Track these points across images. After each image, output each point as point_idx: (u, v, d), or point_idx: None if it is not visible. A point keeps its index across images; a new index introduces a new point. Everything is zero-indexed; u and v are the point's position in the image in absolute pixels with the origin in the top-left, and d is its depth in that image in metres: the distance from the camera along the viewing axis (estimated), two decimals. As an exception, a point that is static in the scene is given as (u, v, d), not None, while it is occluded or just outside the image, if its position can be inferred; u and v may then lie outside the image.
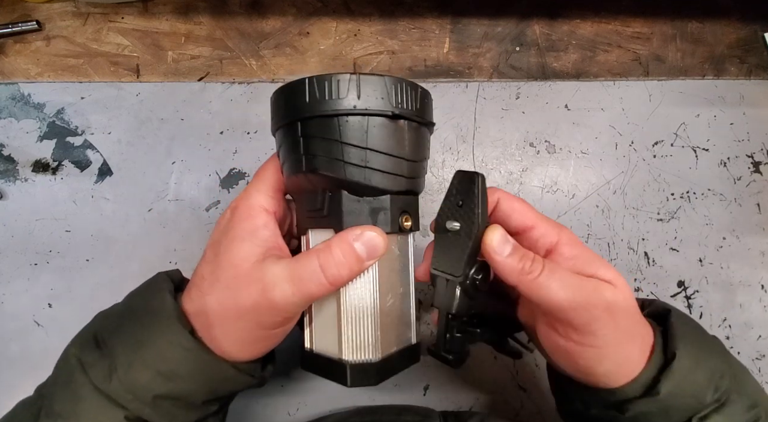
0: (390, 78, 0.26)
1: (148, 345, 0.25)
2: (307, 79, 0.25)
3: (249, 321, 0.25)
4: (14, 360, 0.43)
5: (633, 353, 0.26)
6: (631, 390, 0.26)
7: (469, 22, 0.47)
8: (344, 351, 0.28)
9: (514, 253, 0.26)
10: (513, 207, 0.29)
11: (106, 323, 0.27)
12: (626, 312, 0.26)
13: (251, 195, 0.28)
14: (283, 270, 0.25)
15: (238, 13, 0.47)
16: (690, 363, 0.25)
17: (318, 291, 0.25)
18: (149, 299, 0.27)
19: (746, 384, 0.27)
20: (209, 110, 0.46)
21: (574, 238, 0.28)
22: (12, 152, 0.45)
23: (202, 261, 0.28)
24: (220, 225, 0.28)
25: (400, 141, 0.26)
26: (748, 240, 0.46)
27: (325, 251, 0.25)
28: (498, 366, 0.44)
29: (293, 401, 0.43)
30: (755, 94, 0.47)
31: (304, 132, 0.26)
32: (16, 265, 0.44)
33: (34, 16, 0.46)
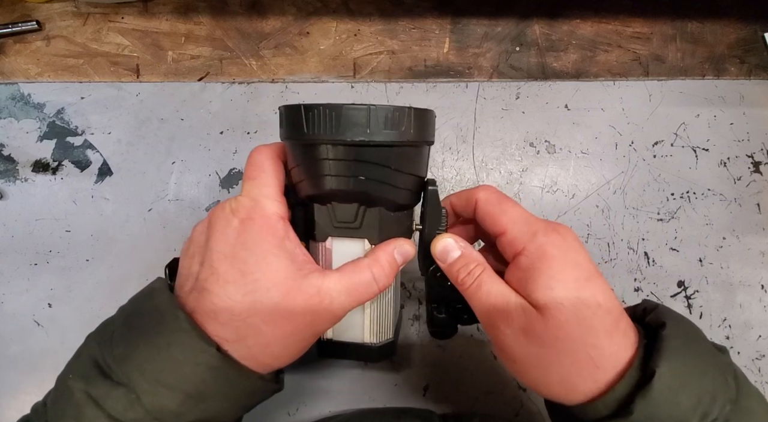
0: (430, 111, 0.29)
1: (171, 368, 0.23)
2: (370, 107, 0.26)
3: (305, 332, 0.26)
4: (14, 360, 0.43)
5: (570, 377, 0.25)
6: (601, 408, 0.24)
7: (469, 22, 0.47)
8: (371, 336, 0.33)
9: (456, 262, 0.28)
10: (487, 212, 0.29)
11: (108, 349, 0.24)
12: (546, 338, 0.24)
13: (262, 202, 0.27)
14: (338, 284, 0.26)
15: (238, 13, 0.47)
16: (673, 383, 0.22)
17: (370, 298, 0.28)
18: (159, 318, 0.25)
19: (749, 412, 0.24)
20: (209, 110, 0.46)
21: (540, 251, 0.26)
22: (12, 152, 0.45)
23: (218, 279, 0.25)
24: (224, 235, 0.26)
25: (426, 163, 0.31)
26: (748, 240, 0.46)
27: (375, 264, 0.28)
28: (498, 367, 0.44)
29: (293, 401, 0.43)
30: (755, 94, 0.47)
31: (360, 157, 0.27)
32: (16, 265, 0.44)
33: (34, 16, 0.46)
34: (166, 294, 0.26)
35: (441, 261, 0.29)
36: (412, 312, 0.45)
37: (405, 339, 0.44)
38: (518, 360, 0.26)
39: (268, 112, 0.46)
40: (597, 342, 0.24)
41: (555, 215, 0.46)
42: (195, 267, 0.26)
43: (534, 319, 0.25)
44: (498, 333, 0.26)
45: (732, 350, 0.44)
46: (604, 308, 0.25)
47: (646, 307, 0.28)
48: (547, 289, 0.25)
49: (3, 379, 0.42)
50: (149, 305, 0.26)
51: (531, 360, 0.25)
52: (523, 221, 0.27)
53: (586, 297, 0.25)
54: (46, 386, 0.35)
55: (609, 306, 0.25)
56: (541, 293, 0.25)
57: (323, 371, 0.44)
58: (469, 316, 0.32)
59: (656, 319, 0.26)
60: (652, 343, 0.25)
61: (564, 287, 0.25)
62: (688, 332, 0.26)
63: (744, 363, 0.44)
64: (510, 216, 0.28)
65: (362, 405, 0.43)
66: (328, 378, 0.44)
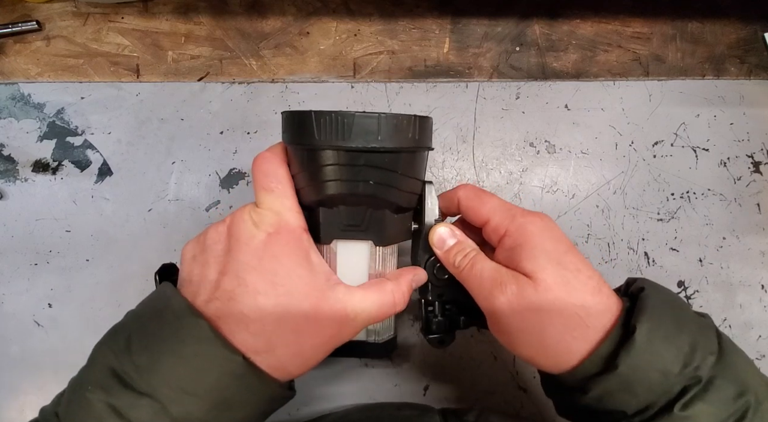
0: (429, 118, 0.31)
1: (197, 377, 0.23)
2: (380, 115, 0.28)
3: (330, 344, 0.28)
4: (14, 360, 0.43)
5: (553, 337, 0.26)
6: (590, 366, 0.25)
7: (469, 22, 0.47)
8: (373, 336, 0.34)
9: (453, 248, 0.31)
10: (469, 205, 0.31)
11: (127, 358, 0.24)
12: (537, 302, 0.26)
13: (286, 216, 0.27)
14: (363, 301, 0.28)
15: (238, 13, 0.47)
16: (653, 337, 0.24)
17: (388, 317, 0.30)
18: (179, 327, 0.24)
19: (734, 366, 0.25)
20: (209, 110, 0.46)
21: (521, 229, 0.28)
22: (12, 152, 0.45)
23: (246, 290, 0.25)
24: (250, 247, 0.26)
25: (425, 167, 0.32)
26: (748, 240, 0.46)
27: (398, 290, 0.29)
28: (498, 367, 0.44)
29: (293, 401, 0.43)
30: (755, 94, 0.47)
31: (370, 162, 0.28)
32: (16, 265, 0.44)
33: (34, 16, 0.46)
34: (182, 302, 0.25)
35: (438, 249, 0.31)
36: (412, 313, 0.45)
37: (405, 339, 0.44)
38: (515, 330, 0.27)
39: (268, 112, 0.46)
40: (584, 303, 0.26)
41: (555, 215, 0.46)
42: (212, 275, 0.26)
43: (525, 285, 0.27)
44: (493, 304, 0.27)
45: (732, 350, 0.44)
46: (584, 273, 0.27)
47: (629, 281, 0.30)
48: (531, 259, 0.27)
49: (3, 379, 0.42)
50: (167, 312, 0.25)
51: (526, 327, 0.27)
52: (502, 208, 0.30)
53: (567, 263, 0.27)
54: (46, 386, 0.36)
55: (589, 272, 0.28)
56: (527, 263, 0.27)
57: (323, 371, 0.44)
58: (466, 316, 0.33)
59: (636, 286, 0.28)
60: (632, 306, 0.26)
61: (545, 255, 0.27)
62: (668, 295, 0.28)
63: (744, 363, 0.44)
64: (490, 206, 0.30)
65: (362, 403, 0.43)
66: (328, 378, 0.44)
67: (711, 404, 0.23)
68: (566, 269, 0.27)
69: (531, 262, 0.27)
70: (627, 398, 0.24)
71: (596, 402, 0.25)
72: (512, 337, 0.28)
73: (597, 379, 0.25)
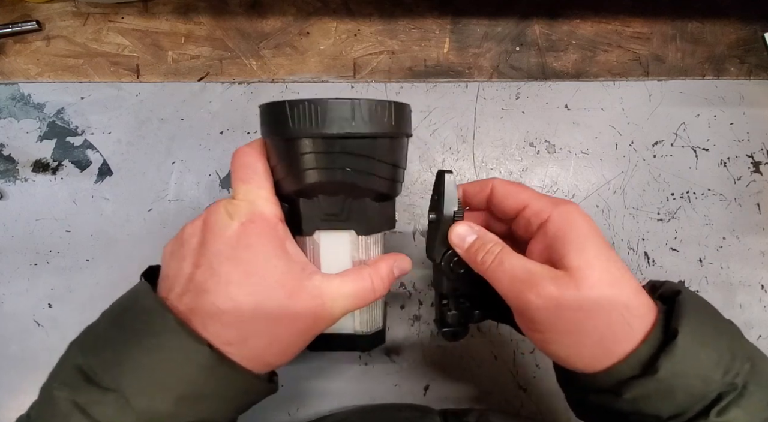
0: (407, 105, 0.30)
1: (162, 370, 0.23)
2: (353, 100, 0.27)
3: (306, 333, 0.27)
4: (14, 360, 0.43)
5: (594, 337, 0.25)
6: (627, 369, 0.24)
7: (469, 22, 0.47)
8: (363, 326, 0.33)
9: (474, 244, 0.29)
10: (507, 191, 0.30)
11: (93, 355, 0.24)
12: (579, 301, 0.25)
13: (261, 204, 0.27)
14: (340, 288, 0.27)
15: (238, 13, 0.47)
16: (694, 342, 0.23)
17: (367, 304, 0.29)
18: (146, 320, 0.24)
19: (765, 373, 0.25)
20: (209, 110, 0.46)
21: (566, 215, 0.27)
22: (12, 152, 0.45)
23: (219, 280, 0.25)
24: (223, 237, 0.26)
25: (406, 155, 0.32)
26: (748, 240, 0.46)
27: (376, 274, 0.29)
28: (498, 366, 0.44)
29: (293, 401, 0.43)
30: (755, 94, 0.47)
31: (346, 148, 0.28)
32: (16, 265, 0.44)
33: (34, 16, 0.46)
34: (151, 296, 0.25)
35: (458, 247, 0.30)
36: (412, 313, 0.45)
37: (405, 339, 0.44)
38: (550, 329, 0.26)
39: (268, 112, 0.46)
40: (628, 302, 0.25)
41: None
42: (186, 269, 0.26)
43: (566, 283, 0.25)
44: (528, 305, 0.26)
45: (732, 350, 0.44)
46: (628, 272, 0.26)
47: (654, 284, 0.30)
48: (579, 251, 0.26)
49: (3, 379, 0.42)
50: (135, 308, 0.25)
51: (564, 326, 0.25)
52: (541, 196, 0.29)
53: (615, 259, 0.26)
54: (46, 386, 0.35)
55: (630, 273, 0.27)
56: (574, 255, 0.26)
57: (323, 371, 0.44)
58: (481, 311, 0.33)
59: (670, 289, 0.28)
60: (669, 309, 0.26)
61: (595, 249, 0.26)
62: (703, 300, 0.28)
63: (744, 363, 0.44)
64: (529, 193, 0.30)
65: (363, 403, 0.43)
66: (328, 378, 0.44)
67: (746, 410, 0.23)
68: (615, 265, 0.26)
69: (578, 255, 0.26)
70: (664, 403, 0.24)
71: (629, 406, 0.25)
72: (546, 336, 0.26)
73: (634, 382, 0.24)
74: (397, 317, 0.44)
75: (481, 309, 0.33)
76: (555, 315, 0.25)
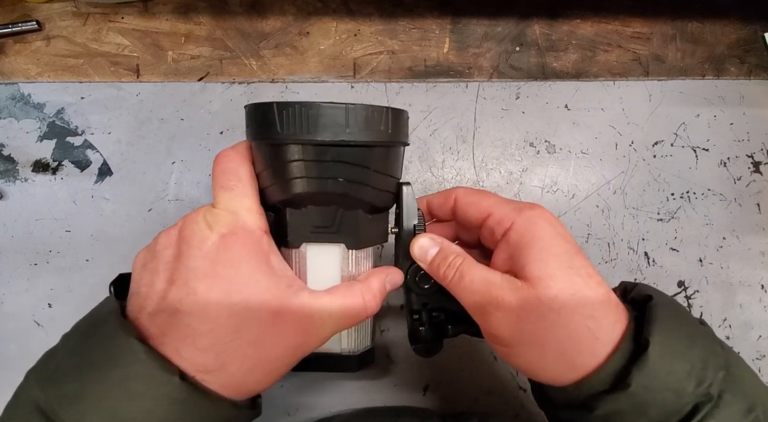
0: (404, 111, 0.28)
1: (130, 405, 0.21)
2: (348, 106, 0.25)
3: (292, 356, 0.25)
4: (14, 360, 0.43)
5: (557, 350, 0.24)
6: (597, 383, 0.23)
7: (469, 22, 0.47)
8: (350, 345, 0.31)
9: (436, 258, 0.28)
10: (469, 200, 0.30)
11: (52, 388, 0.21)
12: (541, 313, 0.24)
13: (243, 216, 0.25)
14: (329, 306, 0.26)
15: (238, 13, 0.47)
16: (666, 352, 0.22)
17: (358, 323, 0.28)
18: (110, 348, 0.22)
19: (742, 380, 0.24)
20: (209, 110, 0.46)
21: (529, 223, 0.26)
22: (12, 152, 0.45)
23: (196, 299, 0.23)
24: (201, 251, 0.23)
25: (401, 164, 0.30)
26: (748, 240, 0.46)
27: (368, 291, 0.27)
28: (498, 367, 0.44)
29: (293, 401, 0.43)
30: (755, 94, 0.47)
31: (339, 157, 0.26)
32: (16, 265, 0.44)
33: (34, 16, 0.46)
34: (117, 320, 0.23)
35: (421, 261, 0.29)
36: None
37: (405, 339, 0.44)
38: (513, 342, 0.25)
39: (268, 112, 0.46)
40: (593, 313, 0.24)
41: (555, 215, 0.46)
42: (160, 284, 0.23)
43: (527, 294, 0.24)
44: (489, 318, 0.25)
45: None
46: (594, 279, 0.25)
47: (626, 286, 0.29)
48: (539, 261, 0.25)
49: (2, 379, 0.42)
50: (98, 332, 0.23)
51: (526, 338, 0.24)
52: (505, 202, 0.28)
53: (578, 267, 0.25)
54: (46, 386, 0.34)
55: (598, 278, 0.25)
56: (534, 266, 0.25)
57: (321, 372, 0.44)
58: (453, 326, 0.31)
59: (640, 293, 0.27)
60: (640, 315, 0.25)
61: (555, 259, 0.25)
62: (674, 304, 0.26)
63: (744, 363, 0.44)
64: (492, 200, 0.29)
65: (362, 405, 0.43)
66: (327, 378, 0.44)
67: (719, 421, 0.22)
68: (577, 274, 0.25)
69: (539, 265, 0.25)
70: (637, 418, 0.23)
71: (602, 421, 0.23)
72: (510, 349, 0.25)
73: (606, 397, 0.23)
74: (396, 317, 0.44)
75: (454, 323, 0.31)
76: (516, 328, 0.24)
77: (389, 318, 0.44)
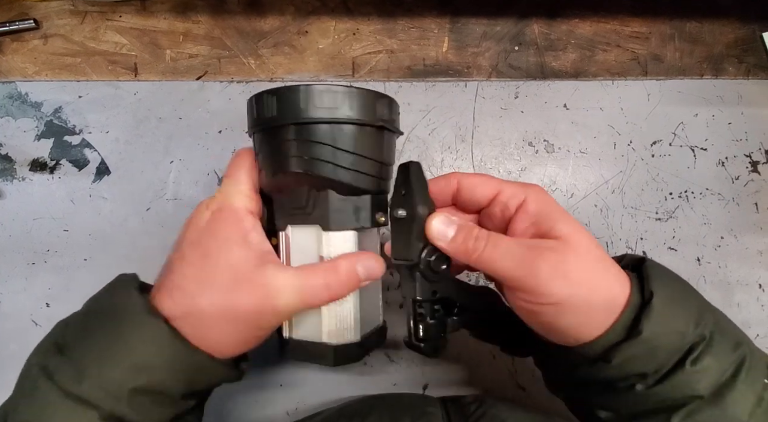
0: (373, 92, 0.29)
1: (120, 342, 0.25)
2: (302, 87, 0.27)
3: (247, 323, 0.27)
4: (12, 359, 0.43)
5: (598, 302, 0.26)
6: (613, 336, 0.25)
7: (468, 21, 0.47)
8: (329, 335, 0.30)
9: (458, 235, 0.28)
10: (473, 182, 0.30)
11: (67, 330, 0.27)
12: (581, 265, 0.26)
13: (233, 196, 0.29)
14: (290, 280, 0.27)
15: (237, 12, 0.47)
16: (668, 301, 0.25)
17: (320, 303, 0.28)
18: (114, 297, 0.27)
19: (725, 323, 0.27)
20: (207, 109, 0.46)
21: (540, 195, 0.29)
22: (9, 151, 0.45)
23: (182, 261, 0.27)
24: (197, 226, 0.28)
25: (381, 147, 0.30)
26: (746, 239, 0.46)
27: (331, 271, 0.28)
28: (497, 366, 0.44)
29: (292, 400, 0.43)
30: (753, 93, 0.48)
31: (299, 135, 0.28)
32: (14, 265, 0.44)
33: (32, 15, 0.46)
34: (125, 279, 0.28)
35: (440, 240, 0.28)
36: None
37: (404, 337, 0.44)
38: (563, 298, 0.25)
39: (266, 111, 0.46)
40: (612, 265, 0.27)
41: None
42: (170, 254, 0.29)
43: (565, 249, 0.26)
44: (538, 277, 0.25)
45: (730, 349, 0.45)
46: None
47: (617, 258, 0.30)
48: (565, 222, 0.27)
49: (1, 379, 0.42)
50: (109, 287, 0.28)
51: (576, 291, 0.25)
52: (507, 181, 0.30)
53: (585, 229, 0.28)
54: (44, 386, 0.34)
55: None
56: (563, 225, 0.27)
57: (321, 370, 0.44)
58: (459, 316, 0.30)
59: (633, 258, 0.29)
60: (638, 276, 0.27)
61: (573, 221, 0.27)
62: (663, 266, 0.29)
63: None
64: (496, 179, 0.30)
65: (361, 404, 0.43)
66: (326, 377, 0.44)
67: (715, 357, 0.25)
68: (589, 233, 0.27)
69: (566, 225, 0.27)
70: (648, 361, 0.25)
71: (616, 371, 0.26)
72: (559, 307, 0.25)
73: (621, 347, 0.25)
74: (395, 315, 0.44)
75: (457, 315, 0.30)
76: (566, 281, 0.25)
77: (388, 317, 0.44)
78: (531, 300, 0.26)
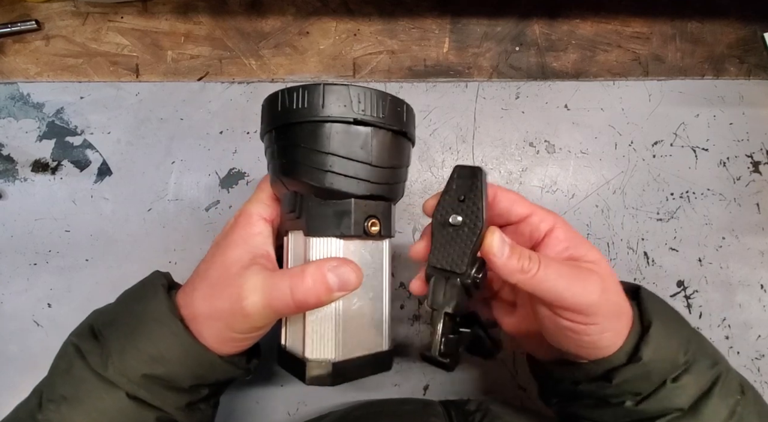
0: (355, 87, 0.27)
1: (141, 333, 0.27)
2: (281, 91, 0.28)
3: (222, 322, 0.27)
4: (14, 360, 0.43)
5: (622, 324, 0.28)
6: (616, 359, 0.27)
7: (468, 21, 0.47)
8: (306, 349, 0.29)
9: (512, 254, 0.27)
10: (511, 198, 0.31)
11: (101, 317, 0.29)
12: (611, 288, 0.28)
13: (250, 203, 0.31)
14: (259, 282, 0.27)
15: (238, 13, 0.47)
16: (664, 331, 0.28)
17: (285, 310, 0.27)
18: (143, 292, 0.29)
19: (706, 346, 0.30)
20: (209, 110, 0.46)
21: (567, 224, 0.30)
22: (11, 152, 0.45)
23: (203, 260, 0.30)
24: (223, 229, 0.31)
25: (364, 146, 0.27)
26: (748, 239, 0.46)
27: (297, 276, 0.27)
28: (498, 367, 0.44)
29: (293, 400, 0.43)
30: (755, 93, 0.47)
31: (277, 139, 0.29)
32: (16, 265, 0.44)
33: (34, 16, 0.46)
34: (156, 273, 0.31)
35: (497, 257, 0.27)
36: (412, 312, 0.45)
37: (405, 339, 0.44)
38: (605, 314, 0.27)
39: (267, 111, 0.46)
40: (623, 295, 0.29)
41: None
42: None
43: (600, 270, 0.28)
44: (587, 295, 0.26)
45: (731, 350, 0.44)
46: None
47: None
48: (592, 249, 0.29)
49: (2, 379, 0.42)
50: (142, 283, 0.30)
51: (611, 309, 0.27)
52: (537, 205, 0.31)
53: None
54: (45, 386, 0.34)
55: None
56: (592, 252, 0.29)
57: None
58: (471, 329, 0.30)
59: (629, 286, 0.31)
60: (637, 303, 0.30)
61: (596, 248, 0.30)
62: (654, 294, 0.31)
63: (743, 362, 0.44)
64: (528, 201, 0.31)
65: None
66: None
67: (694, 375, 0.28)
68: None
69: (593, 252, 0.29)
70: (644, 382, 0.28)
71: (616, 389, 0.28)
72: (602, 324, 0.27)
73: (622, 369, 0.27)
74: (396, 317, 0.44)
75: (470, 327, 0.30)
76: (608, 303, 0.27)
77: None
78: (580, 319, 0.27)
